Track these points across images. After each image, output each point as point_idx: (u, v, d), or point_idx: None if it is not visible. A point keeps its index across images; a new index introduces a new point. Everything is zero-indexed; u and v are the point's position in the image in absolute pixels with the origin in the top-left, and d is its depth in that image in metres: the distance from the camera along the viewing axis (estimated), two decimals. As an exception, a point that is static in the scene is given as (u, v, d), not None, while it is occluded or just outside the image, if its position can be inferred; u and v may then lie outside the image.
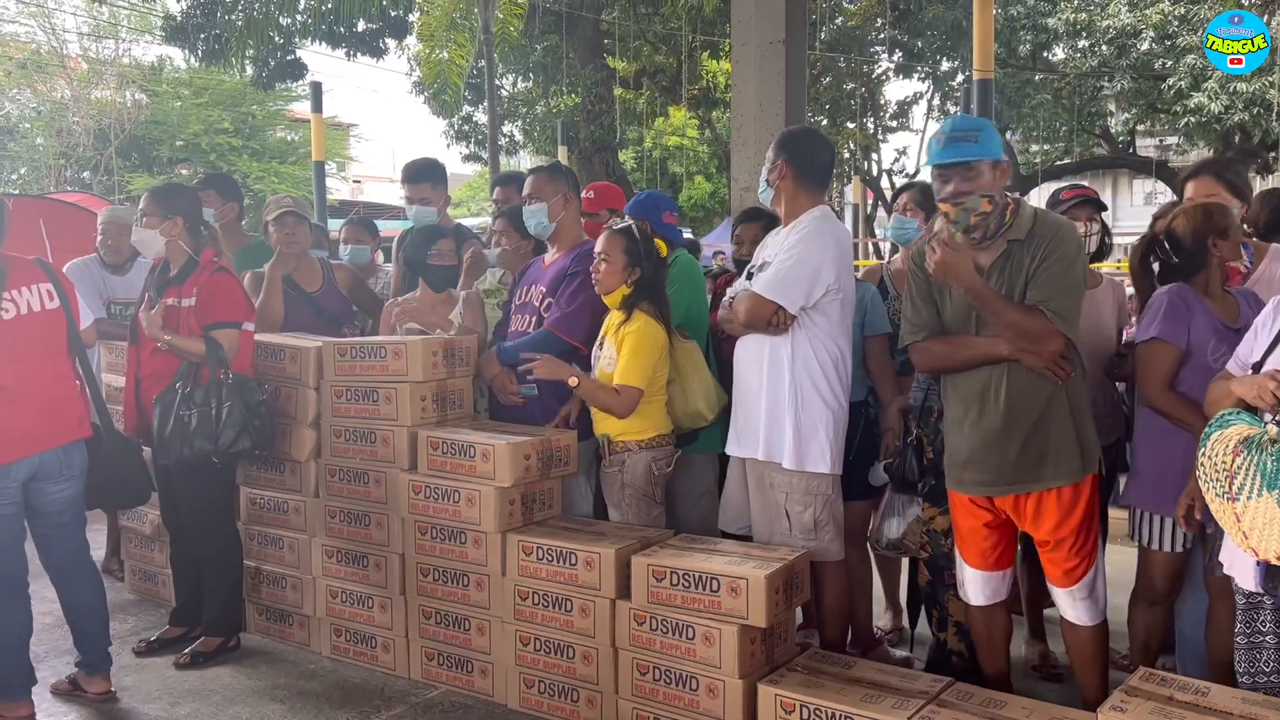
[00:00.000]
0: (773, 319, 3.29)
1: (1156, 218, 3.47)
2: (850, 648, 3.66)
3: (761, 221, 4.02)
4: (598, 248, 3.64)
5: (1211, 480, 2.04)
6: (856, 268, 3.86)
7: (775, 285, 3.28)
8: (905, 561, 4.02)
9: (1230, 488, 1.94)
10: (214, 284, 3.88)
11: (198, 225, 3.98)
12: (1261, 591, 2.52)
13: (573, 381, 3.56)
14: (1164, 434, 3.09)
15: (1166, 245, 3.20)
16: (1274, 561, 2.25)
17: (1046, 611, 3.88)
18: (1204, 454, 2.01)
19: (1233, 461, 1.97)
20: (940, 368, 3.12)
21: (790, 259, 3.29)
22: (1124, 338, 3.77)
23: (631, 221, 3.75)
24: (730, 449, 3.56)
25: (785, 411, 3.32)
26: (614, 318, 3.62)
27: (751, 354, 3.43)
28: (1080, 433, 2.96)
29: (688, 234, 12.70)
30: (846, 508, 3.77)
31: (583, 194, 4.32)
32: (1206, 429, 2.05)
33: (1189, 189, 3.50)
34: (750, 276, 3.51)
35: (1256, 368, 2.57)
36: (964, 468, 3.05)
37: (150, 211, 3.93)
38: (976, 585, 3.16)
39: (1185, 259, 3.15)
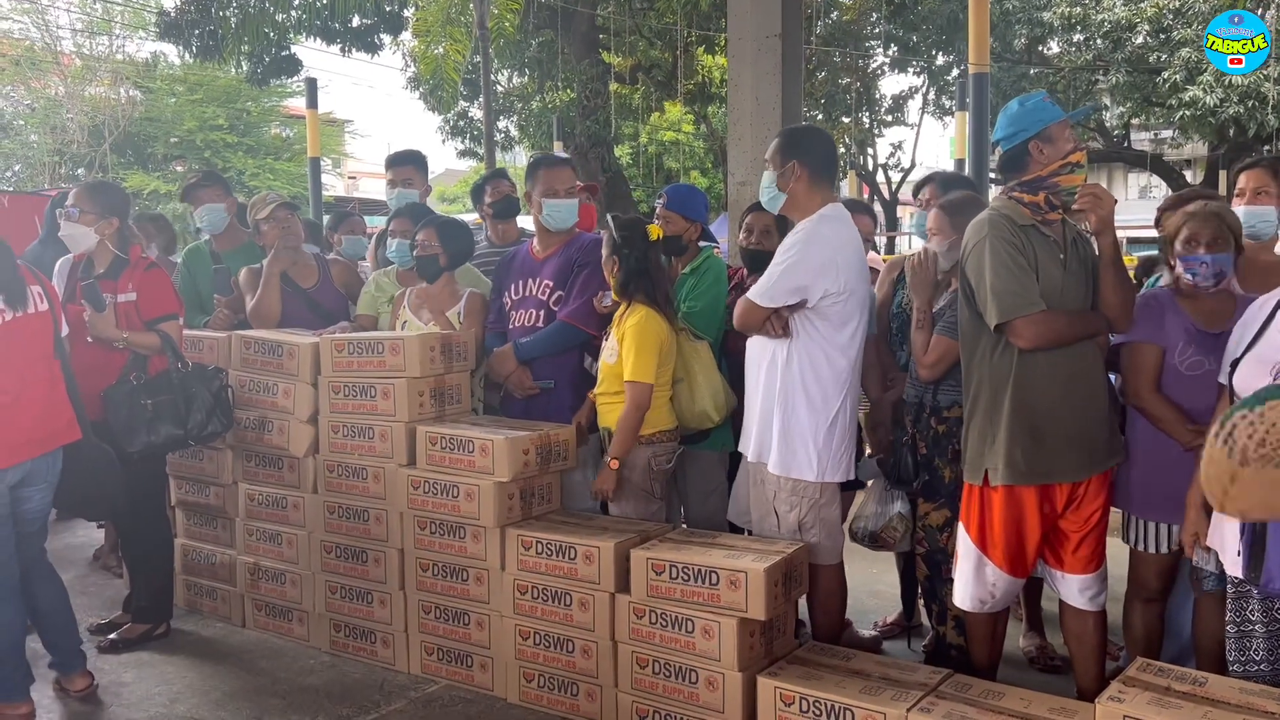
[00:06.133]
0: (766, 324, 3.26)
1: (1161, 210, 3.48)
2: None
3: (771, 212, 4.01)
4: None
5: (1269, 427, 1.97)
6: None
7: (766, 290, 3.23)
8: (894, 555, 4.03)
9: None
10: (152, 279, 4.00)
11: (127, 224, 4.09)
12: (1242, 577, 2.54)
13: (614, 465, 3.56)
14: (1152, 443, 3.09)
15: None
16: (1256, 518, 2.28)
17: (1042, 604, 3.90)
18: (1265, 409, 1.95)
19: None
20: (1057, 341, 2.88)
21: (784, 262, 3.23)
22: None
23: (609, 215, 3.78)
24: (740, 444, 3.57)
25: (774, 416, 3.30)
26: (620, 309, 3.65)
27: (755, 356, 3.41)
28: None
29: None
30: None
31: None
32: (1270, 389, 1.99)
33: (1240, 180, 3.48)
34: None
35: (1234, 365, 2.60)
36: (1061, 453, 2.92)
37: (86, 208, 3.96)
38: (1002, 589, 3.05)
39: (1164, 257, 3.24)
